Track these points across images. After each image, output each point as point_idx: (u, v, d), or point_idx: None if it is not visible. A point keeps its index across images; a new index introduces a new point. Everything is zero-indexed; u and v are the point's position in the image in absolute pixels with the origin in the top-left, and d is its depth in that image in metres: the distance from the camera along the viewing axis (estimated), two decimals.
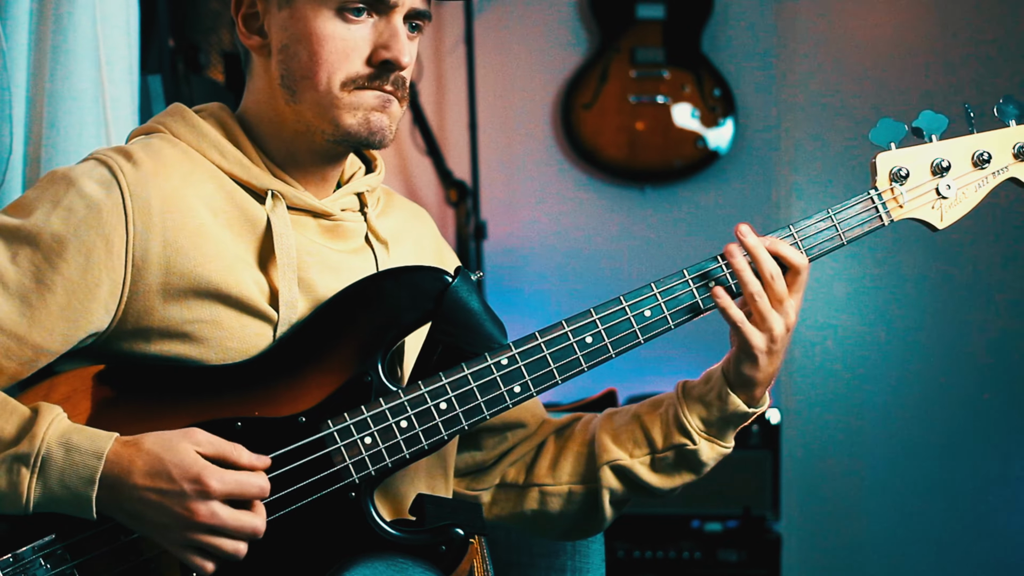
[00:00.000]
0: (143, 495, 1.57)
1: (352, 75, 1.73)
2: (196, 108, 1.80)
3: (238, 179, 1.74)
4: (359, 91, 1.74)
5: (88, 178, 1.66)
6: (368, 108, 1.74)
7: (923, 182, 1.86)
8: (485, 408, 1.72)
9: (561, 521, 1.95)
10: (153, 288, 1.65)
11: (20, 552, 1.60)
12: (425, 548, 1.70)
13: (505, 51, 4.56)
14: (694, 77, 4.45)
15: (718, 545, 3.96)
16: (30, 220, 1.64)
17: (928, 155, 1.86)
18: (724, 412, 1.84)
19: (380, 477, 1.69)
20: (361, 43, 1.73)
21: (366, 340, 1.70)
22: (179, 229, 1.66)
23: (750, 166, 4.54)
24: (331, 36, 1.72)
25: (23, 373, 1.65)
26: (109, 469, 1.56)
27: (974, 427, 4.54)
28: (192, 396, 1.67)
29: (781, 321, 1.78)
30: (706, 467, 1.89)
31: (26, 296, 1.62)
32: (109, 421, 1.63)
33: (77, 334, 1.65)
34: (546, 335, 1.75)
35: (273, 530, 1.64)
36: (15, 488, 1.56)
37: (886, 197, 1.84)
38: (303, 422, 1.67)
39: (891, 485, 4.56)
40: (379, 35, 1.73)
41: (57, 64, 2.41)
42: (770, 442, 4.03)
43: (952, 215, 1.87)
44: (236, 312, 1.69)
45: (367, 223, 1.84)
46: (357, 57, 1.73)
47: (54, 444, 1.57)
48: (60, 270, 1.63)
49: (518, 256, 4.53)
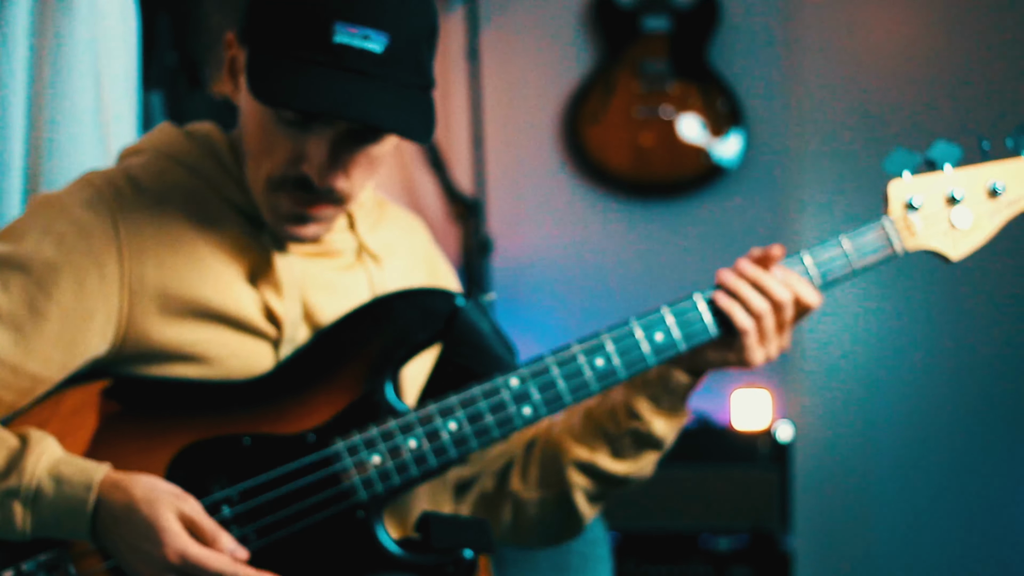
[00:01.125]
0: (114, 533, 1.57)
1: (274, 175, 1.64)
2: (187, 127, 1.78)
3: (227, 200, 1.72)
4: (279, 193, 1.65)
5: (77, 202, 1.65)
6: (285, 217, 1.67)
7: (937, 211, 1.83)
8: (495, 429, 1.71)
9: (539, 527, 1.94)
10: (150, 311, 1.65)
11: (23, 566, 1.61)
12: (433, 569, 1.70)
13: (510, 65, 4.56)
14: (700, 89, 4.43)
15: (728, 562, 3.94)
16: (21, 247, 1.63)
17: (941, 185, 1.83)
18: (667, 387, 1.82)
19: (389, 496, 1.69)
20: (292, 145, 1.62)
21: (376, 359, 1.69)
22: (172, 252, 1.65)
23: (757, 179, 4.53)
24: (264, 130, 1.63)
25: (21, 402, 1.64)
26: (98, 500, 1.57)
27: (986, 444, 4.52)
28: (199, 412, 1.66)
29: (777, 345, 1.78)
30: (666, 441, 1.86)
31: (20, 325, 1.61)
32: (116, 436, 1.63)
33: (74, 361, 1.64)
34: (558, 357, 1.74)
35: (280, 549, 1.64)
36: (10, 521, 1.57)
37: (899, 226, 1.82)
38: (312, 439, 1.66)
39: (902, 502, 4.54)
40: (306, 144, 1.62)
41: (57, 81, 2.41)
42: (780, 459, 4.01)
43: (966, 246, 1.84)
44: (235, 331, 1.68)
45: (358, 239, 1.82)
46: (282, 159, 1.63)
47: (44, 477, 1.56)
48: (54, 297, 1.61)
49: (524, 271, 4.52)
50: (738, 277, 1.77)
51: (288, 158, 1.62)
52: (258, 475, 1.65)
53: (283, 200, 1.66)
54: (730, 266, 1.82)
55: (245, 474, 1.65)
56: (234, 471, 1.65)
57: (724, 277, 1.79)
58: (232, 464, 1.65)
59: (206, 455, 1.65)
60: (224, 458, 1.65)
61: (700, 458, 3.96)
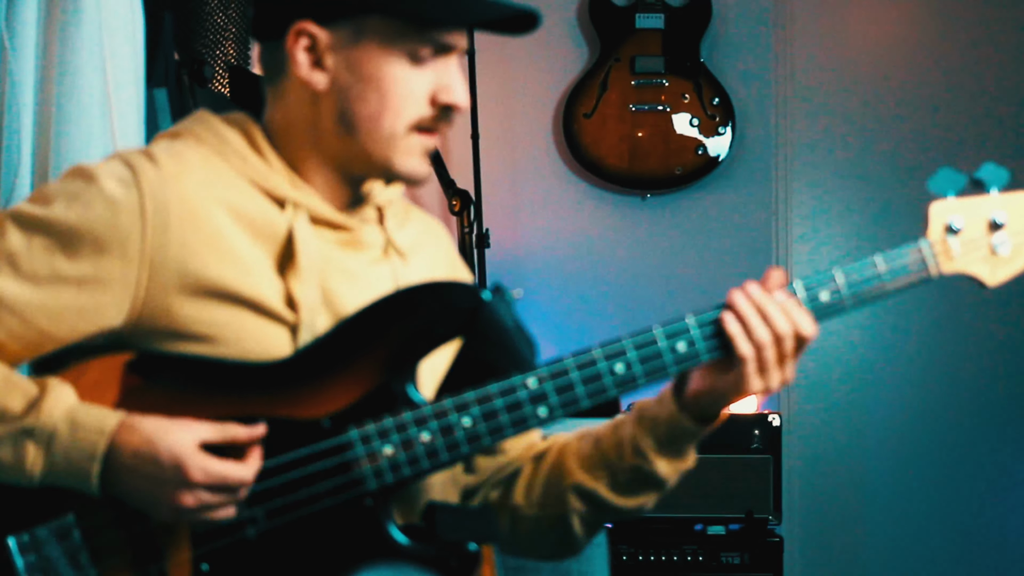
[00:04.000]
0: (132, 476, 1.60)
1: (417, 118, 1.74)
2: (222, 116, 1.81)
3: (260, 186, 1.75)
4: (420, 134, 1.75)
5: (109, 176, 1.68)
6: (421, 154, 1.77)
7: (977, 236, 1.76)
8: (509, 427, 1.70)
9: (535, 543, 1.96)
10: (169, 290, 1.67)
11: (36, 531, 1.64)
12: (437, 560, 1.70)
13: (506, 61, 4.59)
14: (694, 85, 4.47)
15: (721, 548, 3.97)
16: (48, 209, 1.67)
17: (985, 209, 1.76)
18: (674, 432, 1.82)
19: (398, 487, 1.70)
20: (426, 86, 1.74)
21: (396, 350, 1.70)
22: (196, 232, 1.68)
23: (750, 173, 4.56)
24: (400, 80, 1.72)
25: (25, 356, 1.68)
26: (111, 446, 1.60)
27: (976, 431, 4.55)
28: (218, 391, 1.68)
29: (780, 378, 1.75)
30: (668, 483, 1.86)
31: (38, 280, 1.65)
32: (136, 409, 1.65)
33: (86, 328, 1.67)
34: (578, 360, 1.72)
35: (287, 531, 1.66)
36: (21, 462, 1.60)
37: (937, 249, 1.75)
38: (327, 426, 1.68)
39: (893, 488, 4.57)
40: (439, 77, 1.75)
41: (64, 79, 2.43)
42: (772, 445, 4.04)
43: (1004, 272, 1.78)
44: (253, 315, 1.70)
45: (386, 234, 1.86)
46: (423, 100, 1.74)
47: (61, 420, 1.60)
48: (73, 262, 1.65)
49: (520, 264, 4.55)
50: (746, 300, 1.73)
51: (431, 93, 1.74)
52: (271, 457, 1.66)
53: (415, 141, 1.75)
54: (721, 258, 1.80)
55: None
56: None
57: (734, 298, 1.74)
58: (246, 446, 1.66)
59: None
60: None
61: None
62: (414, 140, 1.75)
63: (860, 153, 4.60)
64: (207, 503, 1.61)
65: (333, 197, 1.80)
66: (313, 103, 1.75)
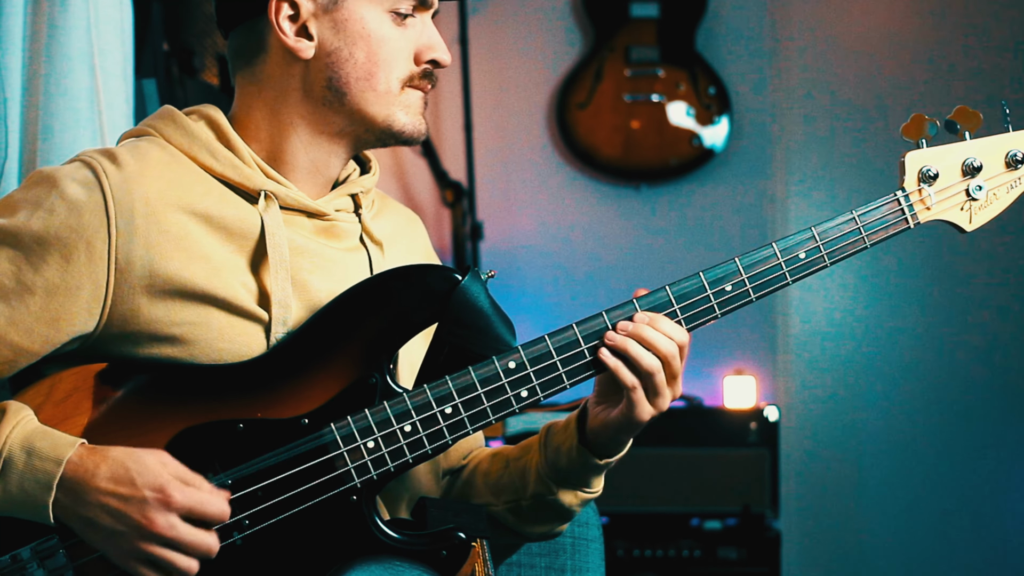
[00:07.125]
0: (102, 499, 1.56)
1: (406, 75, 1.77)
2: (187, 110, 1.79)
3: (230, 181, 1.73)
4: (411, 90, 1.78)
5: (71, 179, 1.65)
6: (417, 110, 1.79)
7: (953, 183, 1.78)
8: (491, 413, 1.69)
9: None
10: (137, 291, 1.65)
11: (19, 553, 1.60)
12: (426, 552, 1.69)
13: (500, 51, 4.57)
14: (689, 75, 4.45)
15: (718, 543, 3.96)
16: (12, 220, 1.64)
17: (960, 154, 1.78)
18: (574, 466, 1.80)
19: (382, 481, 1.68)
20: (410, 44, 1.78)
21: (371, 341, 1.68)
22: (162, 232, 1.65)
23: (746, 163, 4.54)
24: (388, 37, 1.76)
25: (2, 372, 1.65)
26: (71, 473, 1.56)
27: (973, 423, 4.54)
28: (193, 396, 1.66)
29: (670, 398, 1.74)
30: (573, 512, 1.84)
31: (5, 295, 1.62)
32: (110, 419, 1.63)
33: (59, 337, 1.64)
34: (555, 338, 1.71)
35: (274, 534, 1.64)
36: None
37: (913, 199, 1.77)
38: (306, 424, 1.66)
39: (890, 482, 4.57)
40: (420, 36, 1.79)
41: (52, 69, 2.40)
42: (769, 440, 4.02)
43: (981, 217, 1.79)
44: (224, 313, 1.68)
45: (362, 224, 1.84)
46: (409, 57, 1.78)
47: (16, 448, 1.57)
48: (40, 271, 1.62)
49: (514, 255, 4.53)
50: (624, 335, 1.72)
51: (416, 50, 1.78)
52: (251, 460, 1.65)
53: (411, 97, 1.79)
54: (716, 249, 1.80)
55: (239, 460, 1.65)
56: (228, 457, 1.65)
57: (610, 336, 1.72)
58: (226, 450, 1.65)
59: (200, 441, 1.64)
60: (218, 444, 1.65)
61: (690, 441, 3.99)
62: (411, 95, 1.79)
63: (856, 143, 4.58)
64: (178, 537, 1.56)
65: (314, 183, 1.79)
66: (301, 75, 1.75)
